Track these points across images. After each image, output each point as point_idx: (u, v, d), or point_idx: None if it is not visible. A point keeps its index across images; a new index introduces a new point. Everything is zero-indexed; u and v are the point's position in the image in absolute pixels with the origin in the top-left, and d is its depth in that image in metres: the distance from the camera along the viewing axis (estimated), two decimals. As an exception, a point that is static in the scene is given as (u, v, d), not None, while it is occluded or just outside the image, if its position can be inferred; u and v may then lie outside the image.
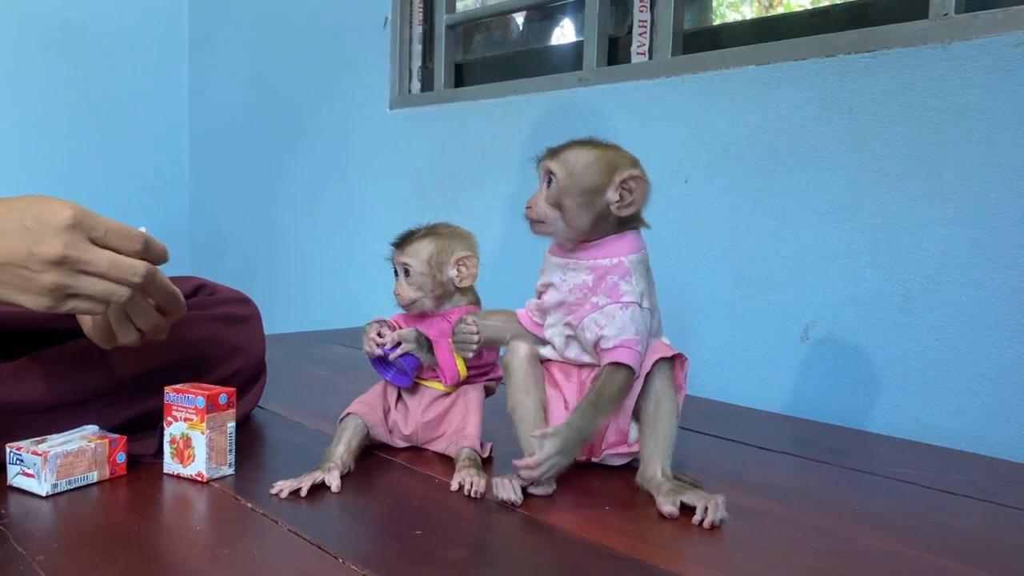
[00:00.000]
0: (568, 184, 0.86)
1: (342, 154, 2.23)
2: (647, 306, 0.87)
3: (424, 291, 0.97)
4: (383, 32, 2.08)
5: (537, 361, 0.93)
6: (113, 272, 0.75)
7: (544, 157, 0.89)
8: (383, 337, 0.95)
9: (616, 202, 0.86)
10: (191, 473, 0.87)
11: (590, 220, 0.86)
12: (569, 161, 0.87)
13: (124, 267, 0.76)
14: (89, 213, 0.75)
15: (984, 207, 1.12)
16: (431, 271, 0.97)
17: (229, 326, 1.07)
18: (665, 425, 0.86)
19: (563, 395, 0.92)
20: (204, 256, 2.81)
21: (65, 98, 2.65)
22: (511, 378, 0.92)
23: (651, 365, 0.86)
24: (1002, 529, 0.82)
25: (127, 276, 0.76)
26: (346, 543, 0.74)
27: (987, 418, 1.13)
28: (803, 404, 1.31)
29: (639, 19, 1.57)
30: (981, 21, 1.13)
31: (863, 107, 1.24)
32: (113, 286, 0.76)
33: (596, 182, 0.86)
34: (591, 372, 0.91)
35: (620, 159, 0.87)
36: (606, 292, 0.86)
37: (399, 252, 0.98)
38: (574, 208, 0.86)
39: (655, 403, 0.86)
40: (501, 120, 1.78)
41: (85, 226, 0.74)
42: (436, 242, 0.98)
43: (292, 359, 1.53)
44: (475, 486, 0.85)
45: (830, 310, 1.28)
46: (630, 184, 0.86)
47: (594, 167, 0.86)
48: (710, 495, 0.80)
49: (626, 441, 0.91)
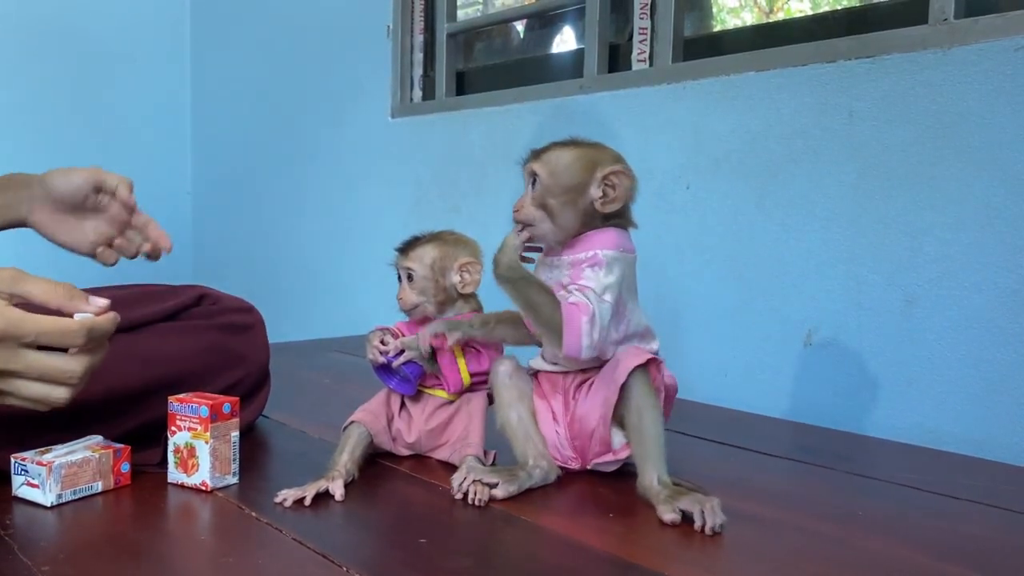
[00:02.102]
0: (551, 184, 0.87)
1: (344, 163, 2.23)
2: (609, 300, 0.85)
3: (426, 296, 0.97)
4: (384, 41, 2.08)
5: (521, 374, 0.94)
6: (47, 377, 0.71)
7: (528, 159, 0.90)
8: (386, 345, 0.95)
9: (600, 198, 0.87)
10: (195, 482, 0.87)
11: (576, 219, 0.87)
12: (551, 161, 0.88)
13: (57, 373, 0.72)
14: (16, 321, 0.69)
15: (985, 211, 1.13)
16: (434, 276, 0.97)
17: (233, 335, 1.07)
18: (651, 433, 0.85)
19: (550, 406, 0.93)
20: (207, 265, 2.81)
21: (67, 108, 2.66)
22: (496, 397, 0.94)
23: (626, 374, 0.85)
24: (1005, 533, 0.82)
25: (63, 380, 0.72)
26: (350, 552, 0.74)
27: (990, 422, 1.13)
28: (806, 409, 1.30)
29: (639, 26, 1.57)
30: (981, 26, 1.13)
31: (863, 112, 1.24)
32: (49, 388, 0.72)
33: (578, 180, 0.87)
34: (575, 378, 0.92)
35: (602, 156, 0.88)
36: (573, 277, 0.87)
37: (403, 257, 0.98)
38: (558, 207, 0.87)
39: (637, 414, 0.85)
40: (502, 128, 1.79)
41: (13, 336, 0.69)
42: (440, 248, 0.98)
43: (296, 367, 1.53)
44: (478, 494, 0.85)
45: (832, 315, 1.28)
46: (612, 179, 0.86)
47: (576, 165, 0.87)
48: (705, 498, 0.80)
49: (611, 449, 0.92)
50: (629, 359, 0.85)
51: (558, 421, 0.93)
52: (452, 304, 0.99)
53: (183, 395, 0.89)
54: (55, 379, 0.72)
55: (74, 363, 0.72)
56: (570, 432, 0.93)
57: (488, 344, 0.98)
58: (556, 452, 0.94)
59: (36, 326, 0.70)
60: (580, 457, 0.94)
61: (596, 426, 0.90)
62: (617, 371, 0.86)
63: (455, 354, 0.95)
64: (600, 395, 0.89)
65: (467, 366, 0.96)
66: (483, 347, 0.97)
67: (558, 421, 0.93)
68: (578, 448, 0.94)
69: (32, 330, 0.70)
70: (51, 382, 0.72)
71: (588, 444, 0.92)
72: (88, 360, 0.73)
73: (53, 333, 0.71)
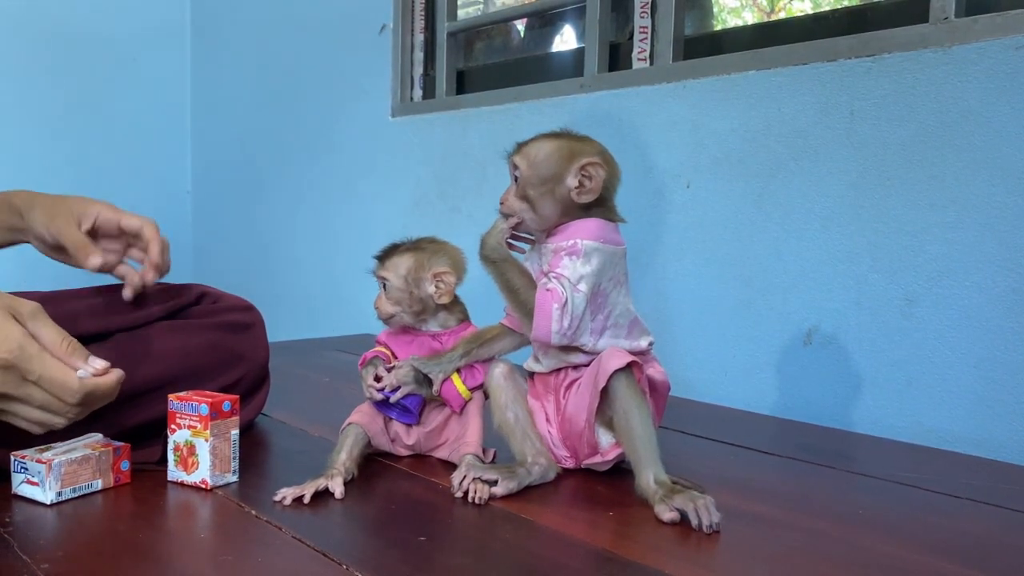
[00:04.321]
0: (530, 175, 0.89)
1: (344, 162, 2.23)
2: (583, 289, 0.86)
3: (402, 306, 0.97)
4: (384, 40, 2.08)
5: (515, 376, 0.95)
6: (48, 408, 0.77)
7: (511, 152, 0.92)
8: (381, 381, 0.94)
9: (575, 188, 0.88)
10: (195, 480, 0.87)
11: (555, 208, 0.89)
12: (531, 153, 0.90)
13: (57, 407, 0.77)
14: (27, 357, 0.74)
15: (986, 210, 1.12)
16: (408, 287, 0.96)
17: (232, 333, 1.07)
18: (640, 434, 0.85)
19: (544, 407, 0.94)
20: (207, 264, 2.81)
21: (67, 109, 2.66)
22: (493, 398, 0.94)
23: (606, 378, 0.85)
24: (1006, 533, 0.82)
25: (62, 413, 0.77)
26: (350, 550, 0.74)
27: (991, 421, 1.13)
28: (807, 408, 1.30)
29: (640, 25, 1.57)
30: (981, 25, 1.13)
31: (864, 111, 1.24)
32: (48, 416, 0.77)
33: (555, 170, 0.88)
34: (565, 377, 0.92)
35: (582, 148, 0.90)
36: (552, 264, 0.88)
37: (379, 266, 0.98)
38: (537, 198, 0.89)
39: (624, 416, 0.85)
40: (503, 127, 1.79)
41: (20, 369, 0.74)
42: (415, 257, 0.97)
43: (295, 366, 1.53)
44: (478, 492, 0.85)
45: (833, 314, 1.28)
46: (588, 170, 0.88)
47: (554, 156, 0.89)
48: (698, 496, 0.80)
49: (598, 451, 0.92)
50: (610, 362, 0.85)
51: (550, 422, 0.94)
52: (433, 313, 0.98)
53: (183, 393, 0.89)
54: (55, 411, 0.77)
55: (68, 398, 0.77)
56: (561, 432, 0.94)
57: None
58: (550, 451, 0.94)
59: (42, 369, 0.75)
60: (573, 456, 0.95)
61: (583, 428, 0.91)
62: (598, 375, 0.86)
63: (451, 378, 0.95)
64: (586, 397, 0.89)
65: (464, 383, 0.96)
66: None
67: (550, 422, 0.94)
68: (570, 447, 0.95)
69: (37, 372, 0.75)
70: (51, 412, 0.77)
71: (579, 444, 0.93)
72: (84, 410, 0.78)
73: (54, 383, 0.76)
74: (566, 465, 0.95)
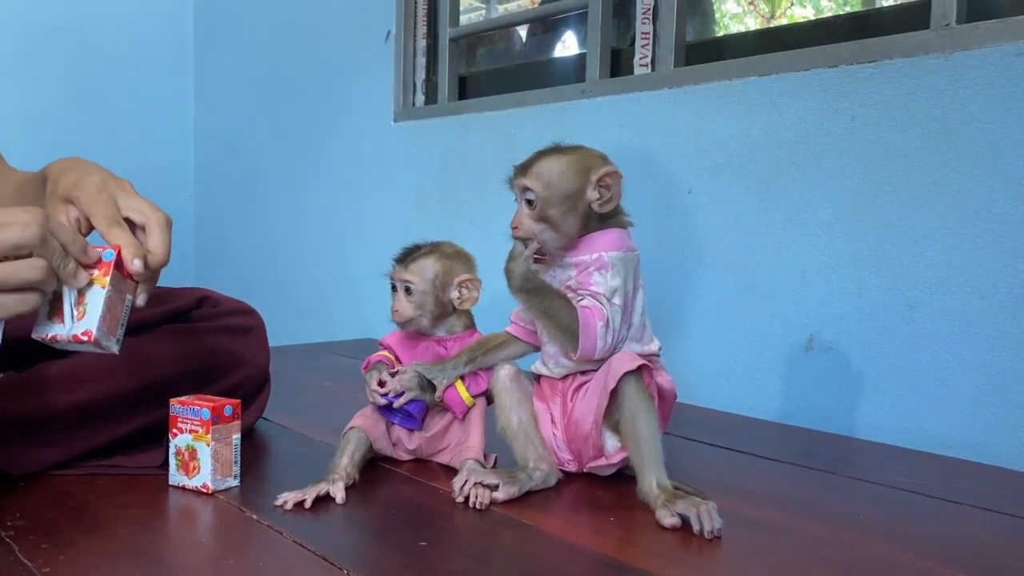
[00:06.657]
0: (548, 195, 0.88)
1: (346, 166, 2.24)
2: (617, 303, 0.87)
3: (423, 310, 0.97)
4: (387, 45, 2.09)
5: (520, 378, 0.95)
6: None
7: (515, 175, 0.91)
8: (384, 386, 0.94)
9: (597, 200, 0.88)
10: (196, 485, 0.87)
11: (577, 224, 0.89)
12: (543, 173, 0.89)
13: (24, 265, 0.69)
14: None
15: (987, 216, 1.13)
16: (434, 291, 0.96)
17: (233, 337, 1.07)
18: (646, 438, 0.85)
19: (549, 409, 0.94)
20: (208, 268, 2.81)
21: (70, 110, 2.66)
22: (498, 401, 0.95)
23: (616, 381, 0.85)
24: (1007, 539, 0.82)
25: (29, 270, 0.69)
26: (351, 554, 0.74)
27: (992, 427, 1.12)
28: (808, 414, 1.30)
29: (641, 31, 1.57)
30: (982, 31, 1.13)
31: (865, 117, 1.24)
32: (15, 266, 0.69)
33: (575, 186, 0.88)
34: (573, 381, 0.92)
35: (591, 159, 0.90)
36: (581, 281, 0.88)
37: (402, 269, 0.97)
38: (559, 216, 0.88)
39: (631, 419, 0.85)
40: (504, 132, 1.79)
41: None
42: (441, 262, 0.97)
43: (296, 370, 1.53)
44: (480, 497, 0.85)
45: (834, 320, 1.28)
46: (607, 180, 0.88)
47: (569, 172, 0.89)
48: (701, 502, 0.80)
49: (603, 454, 0.92)
50: (620, 365, 0.85)
51: (556, 424, 0.94)
52: (445, 319, 0.99)
53: (184, 397, 0.89)
54: None
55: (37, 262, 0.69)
56: (566, 435, 0.93)
57: None
58: (553, 454, 0.94)
59: None
60: (577, 460, 0.95)
61: (589, 431, 0.91)
62: (608, 377, 0.86)
63: (455, 385, 0.95)
64: (594, 400, 0.89)
65: (467, 390, 0.96)
66: None
67: (556, 424, 0.94)
68: (574, 451, 0.94)
69: None
70: None
71: (583, 447, 0.93)
72: None
73: None
74: (569, 469, 0.95)
